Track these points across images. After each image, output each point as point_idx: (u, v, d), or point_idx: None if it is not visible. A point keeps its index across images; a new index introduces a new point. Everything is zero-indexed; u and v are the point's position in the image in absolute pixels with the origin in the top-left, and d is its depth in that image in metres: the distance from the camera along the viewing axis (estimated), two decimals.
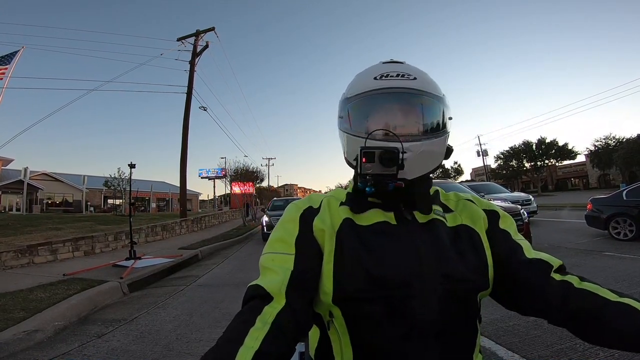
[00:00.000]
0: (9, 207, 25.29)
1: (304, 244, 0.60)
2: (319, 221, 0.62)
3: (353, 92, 0.66)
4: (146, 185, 34.18)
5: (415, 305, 0.55)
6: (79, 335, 3.03)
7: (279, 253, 0.60)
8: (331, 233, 0.61)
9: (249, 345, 0.46)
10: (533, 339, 2.46)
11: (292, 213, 0.65)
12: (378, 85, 0.63)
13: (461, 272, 0.58)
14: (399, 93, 0.62)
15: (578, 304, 0.54)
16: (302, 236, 0.61)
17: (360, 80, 0.67)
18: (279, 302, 0.53)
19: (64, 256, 6.76)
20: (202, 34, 14.99)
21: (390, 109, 0.63)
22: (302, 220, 0.63)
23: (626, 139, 32.94)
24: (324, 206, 0.65)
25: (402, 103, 0.63)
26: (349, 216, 0.63)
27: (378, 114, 0.63)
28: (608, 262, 4.78)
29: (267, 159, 44.58)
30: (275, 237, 0.63)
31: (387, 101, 0.62)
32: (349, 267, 0.57)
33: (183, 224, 12.75)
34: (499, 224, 0.68)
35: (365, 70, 0.69)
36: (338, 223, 0.62)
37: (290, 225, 0.63)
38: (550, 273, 0.59)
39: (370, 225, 0.62)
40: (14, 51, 10.46)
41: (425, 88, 0.63)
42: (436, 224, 0.63)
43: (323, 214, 0.64)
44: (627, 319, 0.50)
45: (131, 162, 6.62)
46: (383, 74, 0.63)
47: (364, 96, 0.64)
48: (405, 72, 0.63)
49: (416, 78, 0.63)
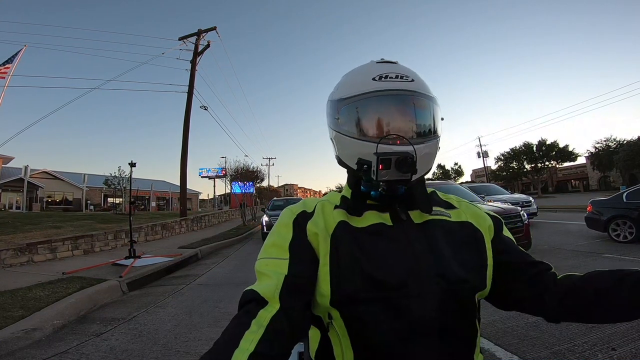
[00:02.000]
0: (9, 205, 25.28)
1: (298, 249, 0.60)
2: (312, 225, 0.62)
3: (349, 92, 0.64)
4: (146, 184, 34.21)
5: (413, 306, 0.55)
6: (77, 334, 3.03)
7: (273, 258, 0.60)
8: (325, 236, 0.61)
9: (244, 347, 0.47)
10: (532, 340, 2.46)
11: (286, 218, 0.66)
12: (379, 86, 0.62)
13: (458, 272, 0.58)
14: (401, 95, 0.61)
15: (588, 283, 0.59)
16: (295, 241, 0.61)
17: (356, 81, 0.65)
18: (273, 306, 0.54)
19: (64, 254, 6.76)
20: (203, 34, 14.99)
21: (395, 111, 0.62)
22: (295, 225, 0.63)
23: (627, 141, 32.87)
24: (318, 210, 0.66)
25: (405, 105, 0.62)
26: (344, 219, 0.63)
27: (382, 116, 0.62)
28: (608, 264, 4.77)
29: (268, 158, 44.69)
30: (269, 242, 0.63)
31: (390, 103, 0.61)
32: (345, 269, 0.58)
33: (183, 223, 12.75)
34: (503, 231, 0.71)
35: (358, 70, 0.68)
36: (332, 226, 0.62)
37: (283, 230, 0.63)
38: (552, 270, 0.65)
39: (366, 227, 0.62)
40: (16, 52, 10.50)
41: (422, 90, 0.63)
42: (432, 224, 0.64)
43: (317, 218, 0.64)
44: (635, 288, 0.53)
45: (132, 161, 6.67)
46: (382, 75, 0.62)
47: (364, 97, 0.62)
48: (402, 74, 0.63)
49: (413, 80, 0.63)
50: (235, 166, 20.13)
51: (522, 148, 42.19)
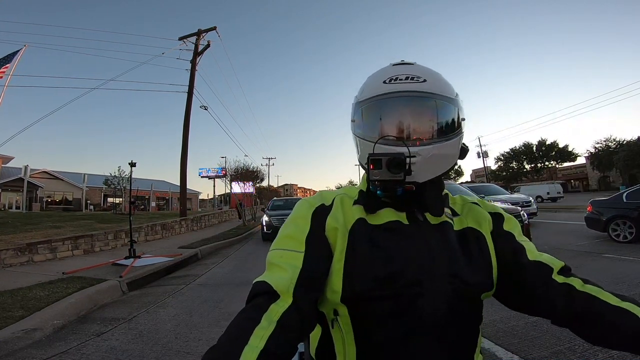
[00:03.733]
0: (9, 205, 25.29)
1: (315, 242, 0.59)
2: (332, 219, 0.62)
3: (364, 95, 0.66)
4: (146, 184, 34.19)
5: (423, 304, 0.56)
6: (77, 334, 3.03)
7: (288, 250, 0.58)
8: (344, 231, 0.60)
9: (254, 344, 0.45)
10: (532, 340, 2.47)
11: (304, 210, 0.64)
12: (387, 89, 0.62)
13: (469, 273, 0.59)
14: (408, 97, 0.61)
15: (579, 307, 0.55)
16: (313, 234, 0.60)
17: (371, 84, 0.66)
18: (285, 300, 0.52)
19: (64, 254, 6.76)
20: (203, 34, 14.99)
21: (400, 113, 0.62)
22: (314, 218, 0.62)
23: (627, 142, 32.95)
24: (337, 204, 0.64)
25: (412, 107, 0.62)
26: (362, 215, 0.63)
27: (387, 118, 0.63)
28: (607, 264, 4.78)
29: (268, 158, 44.72)
30: (285, 233, 0.62)
31: (396, 105, 0.62)
32: (360, 266, 0.57)
33: (183, 223, 12.75)
34: (503, 226, 0.68)
35: (376, 73, 0.68)
36: (351, 222, 0.62)
37: (301, 222, 0.62)
38: (552, 275, 0.60)
39: (382, 224, 0.62)
40: (16, 50, 10.47)
41: (435, 90, 0.62)
42: (447, 226, 0.64)
43: (336, 212, 0.63)
44: (627, 324, 0.51)
45: (132, 161, 6.64)
46: (392, 77, 0.63)
47: (374, 100, 0.64)
48: (414, 75, 0.63)
49: (426, 80, 0.63)
50: (235, 166, 20.14)
51: (522, 148, 42.32)
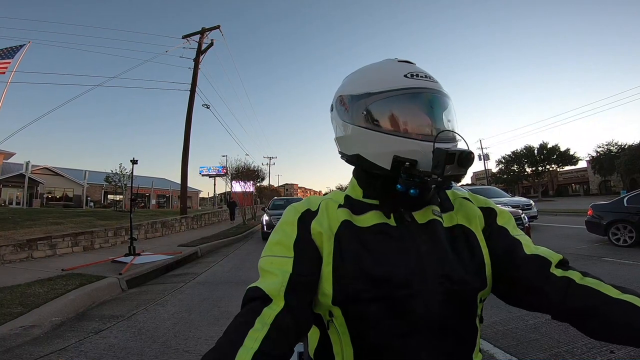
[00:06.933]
0: (10, 200, 25.33)
1: (302, 247, 0.60)
2: (317, 224, 0.62)
3: (380, 87, 0.61)
4: (147, 182, 34.24)
5: (416, 305, 0.55)
6: (76, 331, 3.03)
7: (277, 256, 0.60)
8: (329, 235, 0.61)
9: (248, 346, 0.47)
10: (531, 342, 2.46)
11: (291, 216, 0.65)
12: (413, 84, 0.60)
13: (459, 273, 0.58)
14: (436, 95, 0.62)
15: (579, 301, 0.54)
16: (300, 239, 0.61)
17: (385, 76, 0.63)
18: (277, 304, 0.53)
19: (63, 251, 6.77)
20: (207, 32, 15.02)
21: (434, 109, 0.62)
22: (300, 223, 0.63)
23: (628, 146, 32.82)
24: (322, 209, 0.65)
25: (442, 105, 0.62)
26: (348, 218, 0.63)
27: (425, 114, 0.61)
28: (607, 268, 4.77)
29: (268, 158, 44.72)
30: (273, 240, 0.63)
31: (429, 101, 0.61)
32: (348, 268, 0.58)
33: (183, 221, 12.76)
34: (497, 221, 0.67)
35: (381, 66, 0.66)
36: (336, 225, 0.62)
37: (288, 228, 0.63)
38: (550, 269, 0.59)
39: (369, 227, 0.62)
40: (17, 45, 10.45)
41: (446, 91, 0.64)
42: (435, 224, 0.63)
43: (321, 217, 0.63)
44: (629, 316, 0.50)
45: (133, 158, 6.61)
46: (412, 73, 0.61)
47: (401, 93, 0.60)
48: (428, 74, 0.63)
49: (437, 81, 0.64)
50: (236, 165, 20.15)
51: (523, 151, 42.16)
